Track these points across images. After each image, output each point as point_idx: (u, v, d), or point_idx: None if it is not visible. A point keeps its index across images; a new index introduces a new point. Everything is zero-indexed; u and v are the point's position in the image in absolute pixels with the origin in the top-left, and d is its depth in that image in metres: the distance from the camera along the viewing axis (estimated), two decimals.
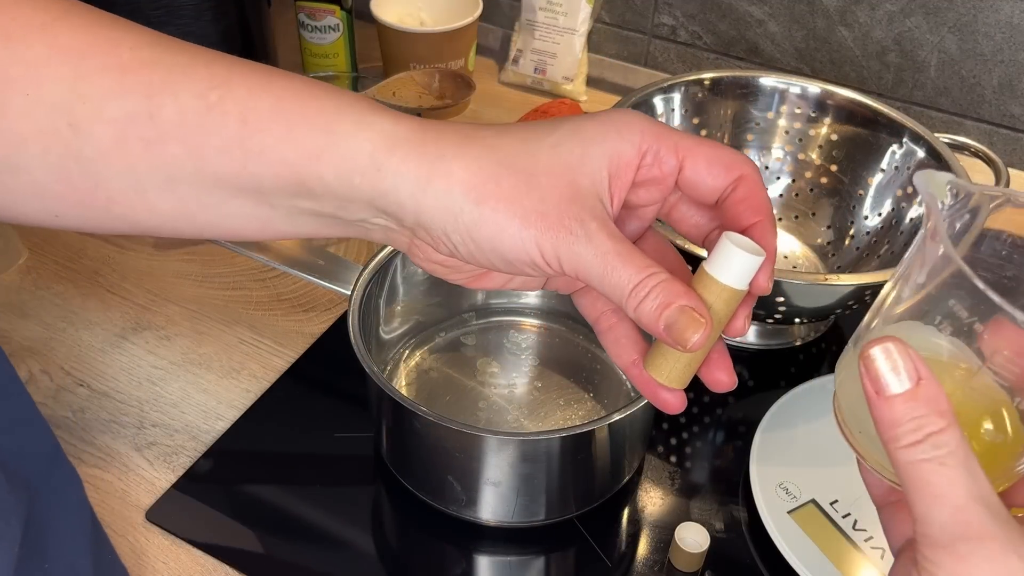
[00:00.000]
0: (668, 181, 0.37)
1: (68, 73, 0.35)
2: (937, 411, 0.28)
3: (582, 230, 0.34)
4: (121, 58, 0.35)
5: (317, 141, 0.35)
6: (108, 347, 0.67)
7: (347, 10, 0.86)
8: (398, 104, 0.80)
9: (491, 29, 1.04)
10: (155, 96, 0.35)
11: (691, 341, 0.33)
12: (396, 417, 0.54)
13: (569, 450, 0.52)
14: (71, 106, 0.35)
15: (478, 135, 0.36)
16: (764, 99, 0.75)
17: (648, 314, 0.34)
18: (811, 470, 0.58)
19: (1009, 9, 0.81)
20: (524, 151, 0.35)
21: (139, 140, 0.35)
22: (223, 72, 0.36)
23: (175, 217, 0.37)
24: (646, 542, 0.56)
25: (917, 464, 0.28)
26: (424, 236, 0.36)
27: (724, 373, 0.37)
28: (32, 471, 0.39)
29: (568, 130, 0.36)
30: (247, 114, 0.35)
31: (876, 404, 0.29)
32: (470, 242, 0.35)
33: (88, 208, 0.37)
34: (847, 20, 0.88)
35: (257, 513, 0.56)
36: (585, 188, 0.35)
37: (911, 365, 0.28)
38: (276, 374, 0.65)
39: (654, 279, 0.34)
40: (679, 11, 0.95)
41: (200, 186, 0.36)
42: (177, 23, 0.83)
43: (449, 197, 0.34)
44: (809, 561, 0.52)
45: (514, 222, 0.34)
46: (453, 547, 0.55)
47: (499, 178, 0.34)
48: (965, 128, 0.89)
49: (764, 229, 0.36)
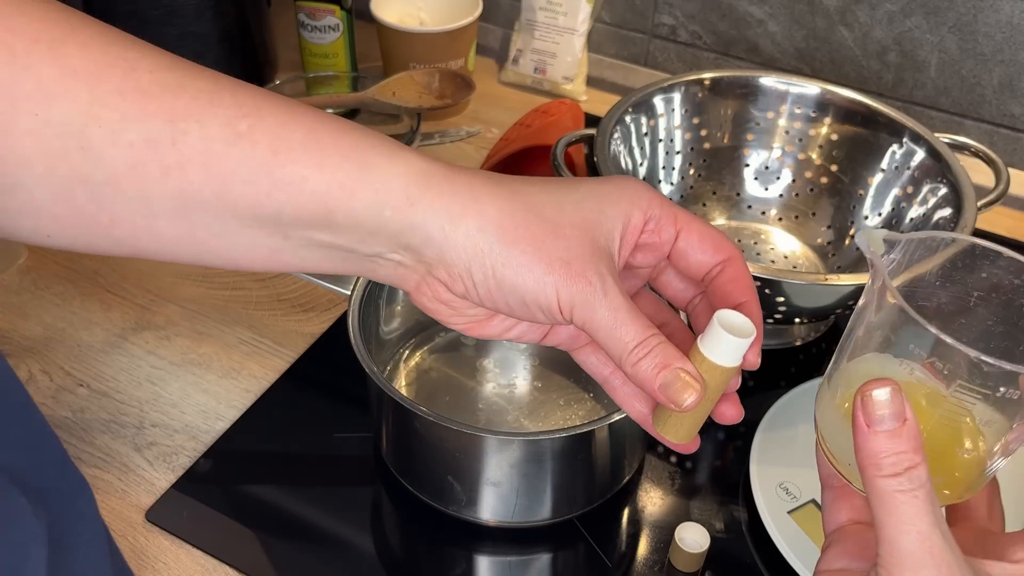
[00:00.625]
0: (664, 248, 0.40)
1: (84, 94, 0.34)
2: (915, 448, 0.31)
3: (600, 283, 0.36)
4: (140, 82, 0.35)
5: (351, 173, 0.36)
6: (108, 347, 0.67)
7: (347, 10, 0.86)
8: (398, 104, 0.80)
9: (491, 29, 1.04)
10: (179, 121, 0.35)
11: (685, 402, 0.36)
12: (396, 417, 0.54)
13: (569, 450, 0.52)
14: (85, 129, 0.34)
15: (506, 181, 0.37)
16: (764, 99, 0.75)
17: (645, 372, 0.36)
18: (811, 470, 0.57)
19: (1009, 9, 0.81)
20: (551, 202, 0.37)
21: (157, 165, 0.35)
22: (251, 101, 0.36)
23: (178, 243, 0.37)
24: (646, 542, 0.56)
25: (892, 494, 0.31)
26: (441, 273, 0.37)
27: (731, 407, 0.39)
28: (49, 486, 0.39)
29: (588, 189, 0.38)
30: (278, 144, 0.35)
31: (864, 435, 0.32)
32: (491, 280, 0.36)
33: (85, 230, 0.36)
34: (847, 20, 0.88)
35: (257, 513, 0.56)
36: (602, 244, 0.37)
37: (901, 407, 0.32)
38: (276, 374, 0.65)
39: (653, 340, 0.36)
40: (679, 11, 0.95)
41: (215, 214, 0.36)
42: (177, 23, 0.83)
43: (481, 235, 0.36)
44: (809, 561, 0.52)
45: (540, 266, 0.36)
46: (453, 547, 0.55)
47: (529, 223, 0.36)
48: (965, 128, 0.89)
49: (751, 310, 0.38)
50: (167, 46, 0.41)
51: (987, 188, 0.66)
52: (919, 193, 0.69)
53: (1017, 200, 0.85)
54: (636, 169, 0.73)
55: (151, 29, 0.83)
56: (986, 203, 0.65)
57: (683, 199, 0.76)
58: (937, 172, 0.67)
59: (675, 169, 0.76)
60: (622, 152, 0.71)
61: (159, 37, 0.83)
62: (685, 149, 0.76)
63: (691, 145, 0.76)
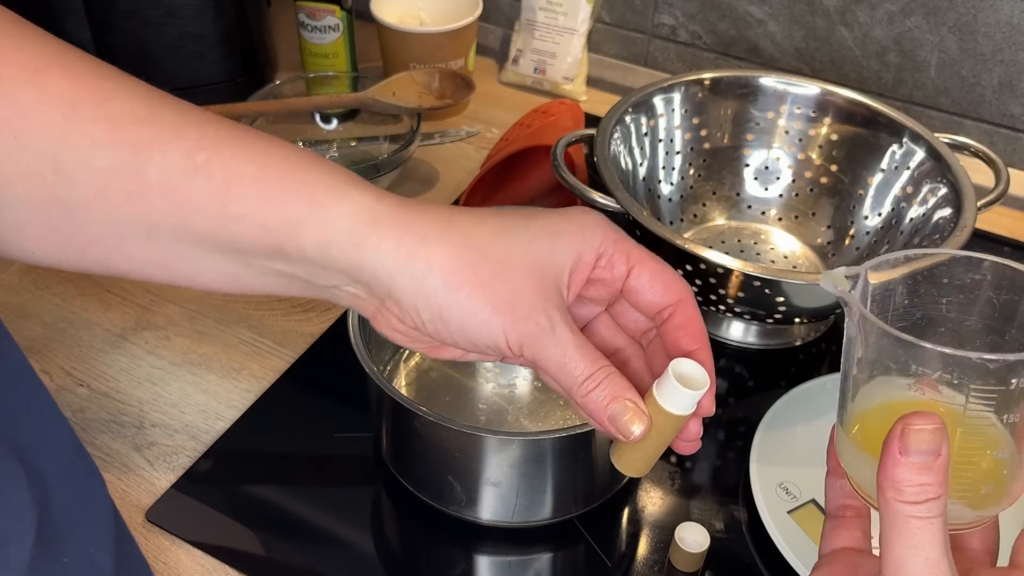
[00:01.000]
0: (615, 284, 0.41)
1: (58, 120, 0.36)
2: (940, 481, 0.31)
3: (548, 322, 0.37)
4: (111, 110, 0.36)
5: (298, 211, 0.37)
6: (108, 347, 0.67)
7: (347, 10, 0.86)
8: (398, 104, 0.80)
9: (491, 29, 1.04)
10: (142, 151, 0.36)
11: (633, 434, 0.37)
12: (396, 417, 0.54)
13: (569, 450, 0.52)
14: (58, 153, 0.36)
15: (457, 219, 0.38)
16: (764, 99, 0.75)
17: (595, 404, 0.37)
18: (811, 470, 0.58)
19: (1009, 9, 0.81)
20: (501, 243, 0.38)
21: (123, 192, 0.36)
22: (212, 134, 0.37)
23: (150, 265, 0.39)
24: (646, 542, 0.56)
25: (907, 519, 0.31)
26: (393, 308, 0.39)
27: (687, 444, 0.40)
28: (50, 465, 0.40)
29: (542, 226, 0.39)
30: (231, 178, 0.36)
31: (895, 461, 0.32)
32: (439, 321, 0.37)
33: (65, 249, 0.38)
34: (847, 20, 0.88)
35: (257, 513, 0.56)
36: (550, 283, 0.38)
37: (940, 442, 0.31)
38: (276, 374, 0.65)
39: (602, 373, 0.37)
40: (679, 11, 0.95)
41: (179, 240, 0.38)
42: (177, 23, 0.83)
43: (427, 278, 0.37)
44: (809, 561, 0.52)
45: (486, 309, 0.37)
46: (453, 547, 0.55)
47: (476, 266, 0.37)
48: (965, 128, 0.89)
49: (702, 357, 0.39)
50: (167, 46, 0.41)
51: (987, 188, 0.66)
52: (919, 193, 0.69)
53: (1017, 200, 0.85)
54: (636, 169, 0.73)
55: (151, 29, 0.83)
56: (986, 203, 0.65)
57: (683, 199, 0.77)
58: (937, 172, 0.67)
59: (675, 169, 0.76)
60: (622, 152, 0.71)
61: (159, 37, 0.84)
62: (685, 149, 0.76)
63: (691, 145, 0.76)
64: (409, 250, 0.37)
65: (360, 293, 0.39)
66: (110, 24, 0.81)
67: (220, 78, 0.89)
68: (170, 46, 0.85)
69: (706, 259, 0.58)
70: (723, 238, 0.76)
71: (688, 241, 0.59)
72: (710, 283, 0.60)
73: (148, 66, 0.85)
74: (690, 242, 0.59)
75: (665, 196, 0.76)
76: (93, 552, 0.40)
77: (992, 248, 0.81)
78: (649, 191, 0.75)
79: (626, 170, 0.71)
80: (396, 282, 0.37)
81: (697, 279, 0.61)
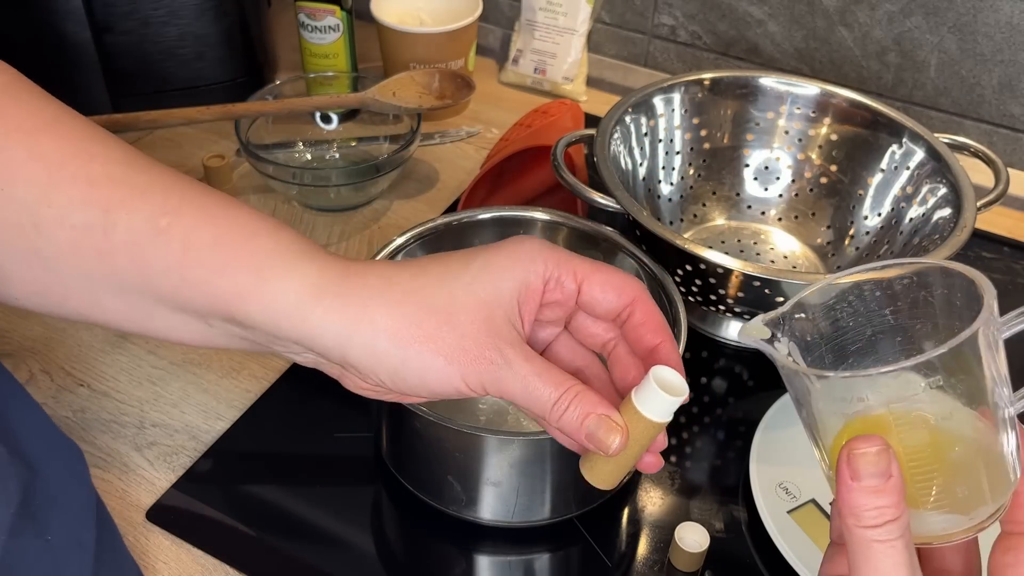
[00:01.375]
0: (569, 302, 0.41)
1: (43, 178, 0.38)
2: (896, 502, 0.32)
3: (501, 359, 0.38)
4: (91, 171, 0.38)
5: (247, 282, 0.38)
6: (108, 347, 0.67)
7: (347, 10, 0.86)
8: (398, 104, 0.80)
9: (491, 29, 1.04)
10: (112, 212, 0.38)
11: (612, 447, 0.38)
12: (396, 417, 0.54)
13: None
14: (38, 208, 0.38)
15: (397, 278, 0.39)
16: (764, 99, 0.75)
17: (570, 424, 0.38)
18: (811, 470, 0.58)
19: (1009, 9, 0.81)
20: (442, 292, 0.39)
21: (93, 250, 0.38)
22: (176, 199, 0.39)
23: (124, 319, 0.41)
24: (646, 542, 0.56)
25: (869, 543, 0.32)
26: (352, 372, 0.40)
27: (651, 455, 0.41)
28: (34, 447, 0.42)
29: (480, 266, 0.40)
30: (189, 244, 0.38)
31: (848, 488, 0.32)
32: (397, 378, 0.39)
33: (46, 298, 0.40)
34: (847, 20, 0.88)
35: (257, 513, 0.56)
36: (499, 319, 0.39)
37: (887, 464, 0.32)
38: (276, 374, 0.65)
39: (571, 392, 0.38)
40: (679, 11, 0.95)
41: (145, 297, 0.39)
42: (177, 23, 0.83)
43: (375, 342, 0.38)
44: (809, 561, 0.52)
45: (438, 360, 0.38)
46: (453, 547, 0.55)
47: (420, 321, 0.38)
48: (965, 128, 0.89)
49: (667, 350, 0.41)
50: (167, 46, 0.43)
51: (987, 188, 0.66)
52: (919, 193, 0.69)
53: (1017, 200, 0.85)
54: (636, 169, 0.73)
55: (151, 29, 0.83)
56: (985, 203, 0.65)
57: (683, 199, 0.77)
58: (937, 172, 0.67)
59: (675, 169, 0.76)
60: (622, 152, 0.71)
61: (159, 37, 0.84)
62: (685, 149, 0.76)
63: (691, 145, 0.76)
64: (353, 318, 0.38)
65: (319, 359, 0.41)
66: (110, 24, 0.81)
67: (220, 78, 0.89)
68: (170, 46, 0.85)
69: (706, 259, 0.58)
70: (723, 238, 0.76)
71: (688, 241, 0.59)
72: (710, 283, 0.61)
73: (148, 66, 0.85)
74: (690, 242, 0.59)
75: (665, 196, 0.76)
76: (77, 531, 0.41)
77: (992, 248, 0.81)
78: (649, 191, 0.75)
79: (626, 170, 0.71)
80: (347, 351, 0.38)
81: (697, 279, 0.61)
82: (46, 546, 0.39)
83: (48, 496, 0.40)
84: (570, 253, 0.41)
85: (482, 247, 0.41)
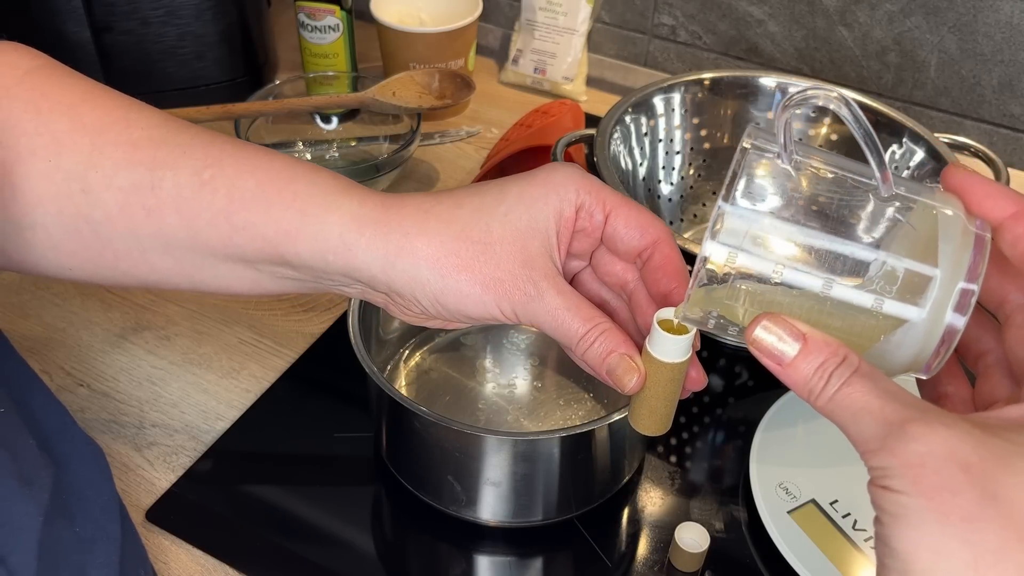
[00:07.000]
0: (596, 233, 0.42)
1: (86, 145, 0.40)
2: (830, 352, 0.31)
3: (535, 290, 0.39)
4: (132, 135, 0.41)
5: (292, 222, 0.40)
6: (108, 347, 0.67)
7: (347, 10, 0.86)
8: (398, 104, 0.80)
9: (491, 29, 1.04)
10: (157, 170, 0.40)
11: (628, 386, 0.39)
12: (396, 417, 0.54)
13: (569, 450, 0.52)
14: (85, 174, 0.40)
15: (435, 210, 0.40)
16: (764, 99, 0.75)
17: (594, 359, 0.39)
18: (811, 470, 0.58)
19: (1009, 9, 0.81)
20: (478, 223, 0.40)
21: (141, 208, 0.40)
22: (216, 153, 0.41)
23: (173, 275, 0.43)
24: (646, 542, 0.56)
25: (832, 399, 0.30)
26: (398, 298, 0.41)
27: (694, 370, 0.40)
28: (59, 444, 0.43)
29: (515, 196, 0.40)
30: (233, 192, 0.40)
31: (784, 373, 0.32)
32: (438, 304, 0.40)
33: (97, 264, 0.42)
34: (847, 20, 0.88)
35: (257, 513, 0.56)
36: (534, 250, 0.40)
37: (790, 328, 0.32)
38: (276, 374, 0.65)
39: (598, 329, 0.39)
40: (679, 11, 0.95)
41: (193, 251, 0.41)
42: (177, 23, 0.83)
43: (416, 270, 0.40)
44: (809, 561, 0.52)
45: (476, 288, 0.39)
46: (453, 547, 0.55)
47: (458, 251, 0.39)
48: (965, 128, 0.89)
49: (680, 296, 0.40)
50: (167, 46, 0.45)
51: None
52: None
53: None
54: (636, 169, 0.73)
55: (151, 29, 0.83)
56: None
57: (683, 199, 0.77)
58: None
59: (675, 169, 0.76)
60: (622, 152, 0.71)
61: (159, 37, 0.84)
62: (685, 149, 0.76)
63: (691, 145, 0.76)
64: (395, 248, 0.40)
65: (367, 289, 0.42)
66: (110, 24, 0.81)
67: (220, 78, 0.89)
68: (170, 46, 0.85)
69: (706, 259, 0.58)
70: None
71: (688, 241, 0.59)
72: None
73: (148, 66, 0.85)
74: (690, 242, 0.59)
75: (665, 196, 0.76)
76: (104, 524, 0.43)
77: None
78: (649, 191, 0.75)
79: (626, 170, 0.71)
80: (391, 278, 0.40)
81: None
82: (76, 536, 0.40)
83: (74, 491, 0.42)
84: (602, 183, 0.42)
85: (518, 176, 0.42)
